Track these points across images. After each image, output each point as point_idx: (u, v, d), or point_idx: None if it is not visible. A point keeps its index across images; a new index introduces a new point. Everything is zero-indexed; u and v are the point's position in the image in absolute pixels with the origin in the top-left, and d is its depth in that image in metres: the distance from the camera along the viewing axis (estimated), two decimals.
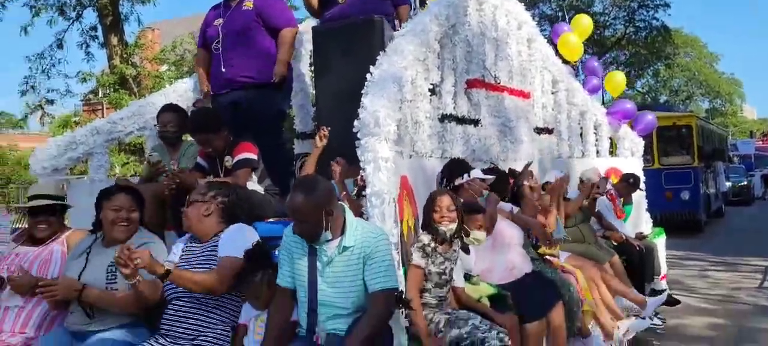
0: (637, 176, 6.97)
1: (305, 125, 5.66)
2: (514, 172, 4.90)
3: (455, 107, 4.58)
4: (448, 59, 4.49)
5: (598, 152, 7.40)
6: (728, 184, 21.25)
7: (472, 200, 3.90)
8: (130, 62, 16.97)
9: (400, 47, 3.63)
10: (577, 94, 6.92)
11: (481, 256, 4.04)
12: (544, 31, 7.84)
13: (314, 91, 5.48)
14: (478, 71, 4.91)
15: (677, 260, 10.49)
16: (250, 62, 4.61)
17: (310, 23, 5.47)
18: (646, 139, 8.34)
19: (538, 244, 4.61)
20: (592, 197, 5.94)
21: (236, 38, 4.66)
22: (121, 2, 16.93)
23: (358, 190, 3.40)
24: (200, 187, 3.36)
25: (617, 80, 8.50)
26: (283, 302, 2.94)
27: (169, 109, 4.46)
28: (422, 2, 5.30)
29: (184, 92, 4.97)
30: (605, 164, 7.11)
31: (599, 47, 27.69)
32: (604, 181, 6.26)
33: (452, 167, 4.08)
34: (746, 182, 23.70)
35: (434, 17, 4.07)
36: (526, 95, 5.79)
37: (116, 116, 4.76)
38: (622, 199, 6.82)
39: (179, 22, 21.92)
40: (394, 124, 3.12)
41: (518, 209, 4.54)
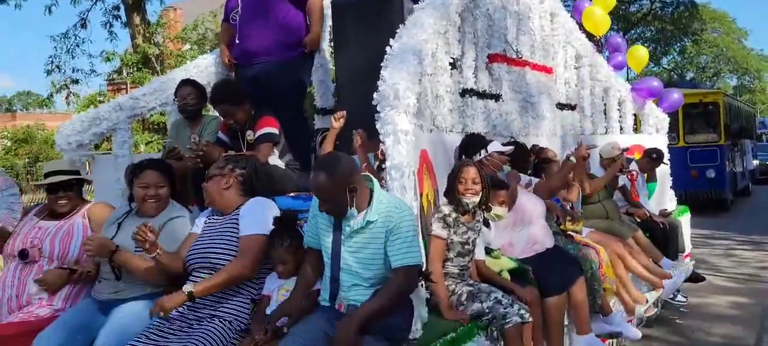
0: (660, 151, 6.88)
1: (325, 101, 5.64)
2: (536, 147, 4.85)
3: (476, 82, 4.54)
4: (469, 33, 4.44)
5: (621, 129, 7.32)
6: (755, 162, 20.88)
7: (494, 176, 3.88)
8: (152, 41, 17.05)
9: (420, 20, 3.59)
10: (600, 69, 6.83)
11: (501, 231, 4.02)
12: (567, 6, 7.67)
13: (334, 66, 5.48)
14: (499, 45, 4.87)
15: (703, 239, 10.38)
16: (268, 34, 4.60)
17: None
18: (671, 116, 8.20)
19: (560, 220, 4.57)
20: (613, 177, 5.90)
21: (255, 9, 4.65)
22: None
23: (378, 164, 3.38)
24: (218, 161, 3.39)
25: (640, 55, 8.34)
26: (312, 259, 2.99)
27: (187, 83, 4.47)
28: None
29: (205, 68, 4.98)
30: (629, 141, 7.03)
31: (624, 23, 27.21)
32: (627, 160, 6.20)
33: (469, 143, 4.05)
34: None
35: None
36: (548, 70, 5.72)
37: (138, 93, 4.79)
38: (645, 175, 6.74)
39: (201, 1, 21.91)
40: (413, 97, 3.09)
41: (538, 181, 4.51)
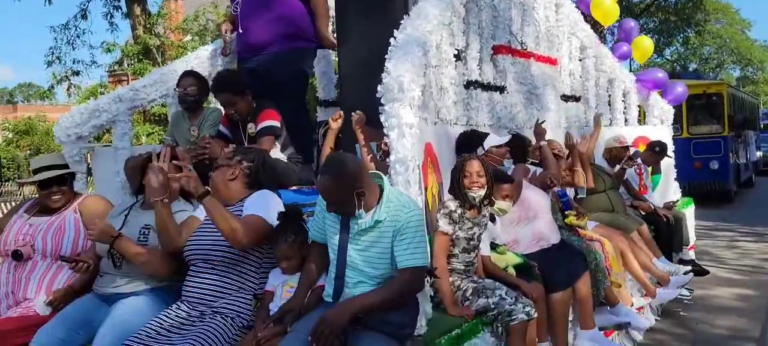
0: (663, 143, 6.82)
1: (328, 93, 5.59)
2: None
3: (481, 74, 4.49)
4: (473, 24, 4.39)
5: (626, 121, 7.26)
6: (759, 153, 20.81)
7: (497, 169, 3.83)
8: (153, 32, 16.97)
9: (424, 11, 3.54)
10: (605, 60, 6.79)
11: (507, 227, 3.99)
12: None
13: (336, 57, 5.42)
14: (504, 37, 4.82)
15: (706, 231, 10.33)
16: (270, 26, 4.55)
17: None
18: (675, 107, 8.14)
19: (566, 212, 4.53)
20: (621, 168, 5.86)
21: (256, 1, 4.59)
22: None
23: (382, 155, 3.33)
24: (226, 152, 3.36)
25: (645, 45, 8.25)
26: (316, 254, 2.95)
27: (189, 74, 4.42)
28: None
29: (206, 59, 4.93)
30: (633, 133, 6.98)
31: (627, 14, 27.02)
32: (635, 152, 6.16)
33: (464, 140, 4.00)
34: None
35: None
36: (553, 62, 5.68)
37: (139, 84, 4.74)
38: (649, 168, 6.69)
39: None
40: (418, 89, 3.04)
41: (540, 170, 4.46)
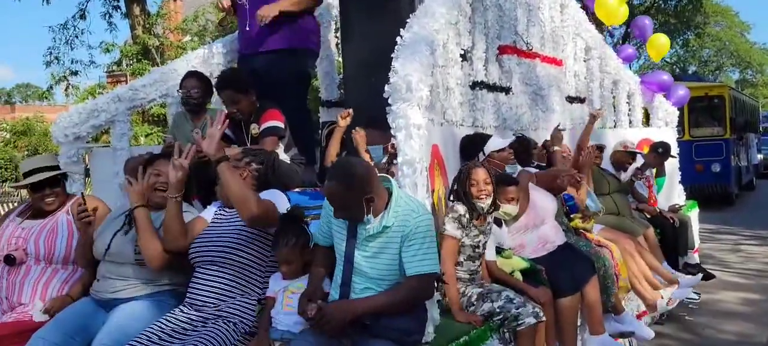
0: (666, 144, 6.75)
1: (331, 93, 5.52)
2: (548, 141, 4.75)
3: (486, 74, 4.43)
4: (479, 23, 4.33)
5: (630, 122, 7.20)
6: (760, 156, 20.79)
7: (500, 173, 3.76)
8: (152, 32, 16.88)
9: (431, 9, 3.46)
10: (609, 62, 6.74)
11: (514, 234, 3.92)
12: None
13: (339, 57, 5.35)
14: (509, 37, 4.76)
15: (709, 234, 10.26)
16: (272, 25, 4.45)
17: None
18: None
19: (571, 215, 4.46)
20: (630, 179, 5.89)
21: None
22: None
23: (389, 158, 3.26)
24: (235, 153, 3.29)
25: (661, 43, 8.14)
26: (321, 257, 2.89)
27: (193, 75, 4.34)
28: None
29: (207, 58, 4.85)
30: (638, 135, 6.91)
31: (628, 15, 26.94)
32: (644, 164, 6.12)
33: (468, 145, 3.93)
34: None
35: None
36: (558, 63, 5.62)
37: (138, 83, 4.66)
38: (653, 170, 6.63)
39: None
40: (426, 89, 2.97)
41: (536, 171, 4.39)
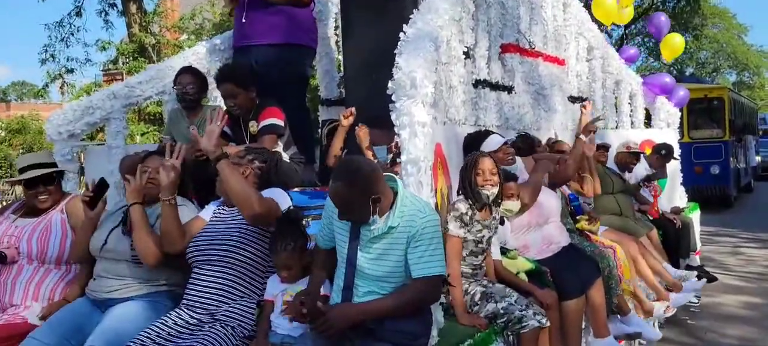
0: (669, 146, 6.71)
1: (330, 91, 5.44)
2: (551, 140, 4.68)
3: (489, 72, 4.36)
4: (482, 21, 4.26)
5: (632, 123, 7.15)
6: (758, 158, 20.79)
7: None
8: (149, 31, 16.77)
9: (434, 5, 3.39)
10: (612, 62, 6.70)
11: (518, 234, 3.87)
12: None
13: (339, 55, 5.26)
14: (512, 35, 4.70)
15: (708, 236, 10.21)
16: (271, 20, 4.37)
17: None
18: None
19: (577, 216, 4.39)
20: (637, 184, 5.90)
21: None
22: None
23: (392, 157, 3.18)
24: (238, 151, 3.22)
25: (675, 43, 8.07)
26: (321, 259, 2.83)
27: (187, 71, 4.24)
28: None
29: (204, 55, 4.76)
30: (640, 136, 6.85)
31: None
32: (648, 178, 6.08)
33: (471, 143, 3.85)
34: None
35: None
36: (560, 62, 5.56)
37: (134, 80, 4.56)
38: (655, 172, 6.57)
39: None
40: (431, 86, 2.89)
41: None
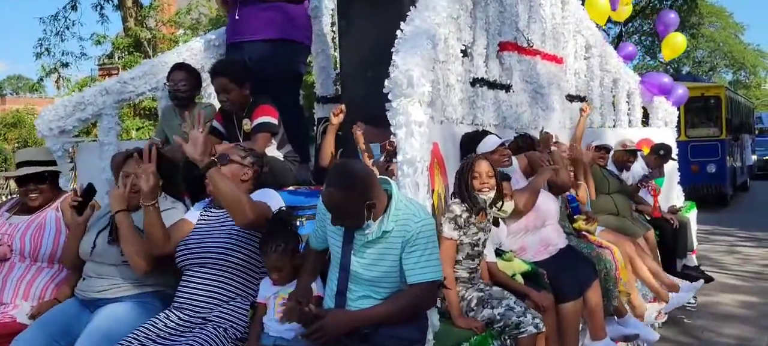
0: (667, 146, 6.68)
1: (326, 89, 5.38)
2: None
3: (487, 71, 4.31)
4: (480, 19, 4.21)
5: (630, 122, 7.11)
6: (754, 157, 20.82)
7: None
8: (144, 25, 16.69)
9: (432, 3, 3.33)
10: (610, 60, 6.65)
11: (515, 236, 3.82)
12: None
13: (335, 52, 5.21)
14: (510, 33, 4.65)
15: (704, 235, 10.19)
16: (265, 16, 4.31)
17: None
18: None
19: (574, 217, 4.36)
20: (637, 185, 5.85)
21: None
22: None
23: (387, 155, 3.13)
24: (238, 149, 3.15)
25: (677, 42, 8.01)
26: (311, 262, 2.80)
27: (180, 67, 4.18)
28: None
29: (199, 51, 4.70)
30: (638, 135, 6.82)
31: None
32: (645, 178, 6.04)
33: (468, 143, 3.82)
34: None
35: None
36: (558, 60, 5.51)
37: (127, 76, 4.50)
38: (653, 172, 6.54)
39: None
40: (428, 84, 2.83)
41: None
